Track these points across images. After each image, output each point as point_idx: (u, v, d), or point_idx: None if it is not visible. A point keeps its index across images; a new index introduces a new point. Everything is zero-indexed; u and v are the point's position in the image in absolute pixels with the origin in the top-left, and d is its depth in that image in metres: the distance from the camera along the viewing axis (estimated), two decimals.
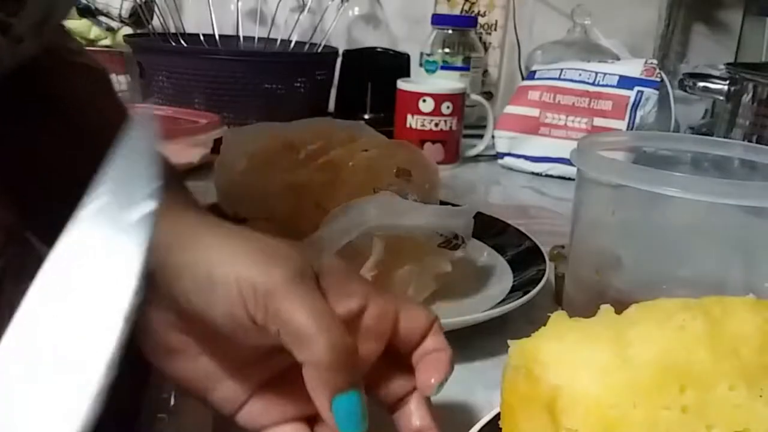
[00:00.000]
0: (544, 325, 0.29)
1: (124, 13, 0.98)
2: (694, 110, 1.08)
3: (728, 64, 0.83)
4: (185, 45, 0.92)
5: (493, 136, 0.89)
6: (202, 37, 0.95)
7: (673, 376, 0.24)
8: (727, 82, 0.81)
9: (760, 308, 0.28)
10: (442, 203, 0.49)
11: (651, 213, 0.40)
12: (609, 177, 0.38)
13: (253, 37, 0.98)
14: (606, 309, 0.29)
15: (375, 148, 0.45)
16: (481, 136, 0.90)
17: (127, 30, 0.99)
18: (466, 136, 0.91)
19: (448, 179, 0.84)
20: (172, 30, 0.95)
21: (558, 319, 0.28)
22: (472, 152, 0.90)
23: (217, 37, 0.95)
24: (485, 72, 1.13)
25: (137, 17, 0.97)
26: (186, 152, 0.72)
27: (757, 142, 0.74)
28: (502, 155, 0.88)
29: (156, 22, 0.98)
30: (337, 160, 0.45)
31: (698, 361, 0.25)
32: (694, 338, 0.26)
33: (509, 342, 0.28)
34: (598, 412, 0.24)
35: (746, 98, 0.77)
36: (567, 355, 0.26)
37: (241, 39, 0.98)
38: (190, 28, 0.99)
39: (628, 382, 0.24)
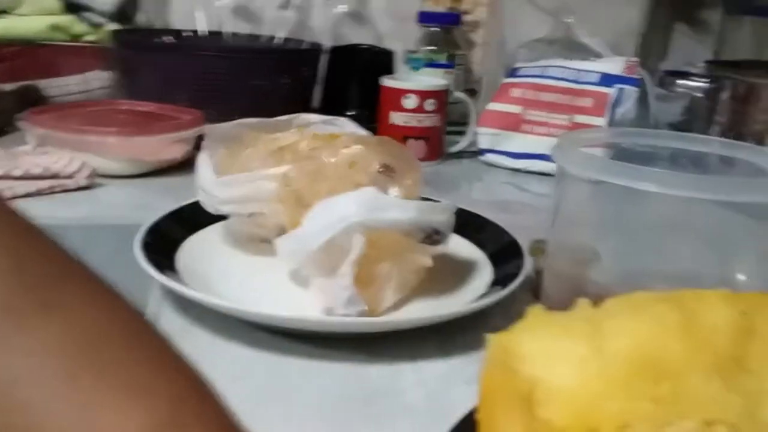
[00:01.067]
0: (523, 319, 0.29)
1: (109, 9, 0.98)
2: (673, 107, 1.09)
3: (707, 61, 0.84)
4: (170, 41, 0.91)
5: (475, 133, 0.89)
6: (186, 34, 0.95)
7: (648, 368, 0.25)
8: (706, 79, 0.82)
9: (735, 301, 0.28)
10: (424, 199, 0.50)
11: (629, 208, 0.40)
12: (588, 173, 0.38)
13: (239, 34, 0.98)
14: (583, 302, 0.29)
15: (357, 144, 0.45)
16: (464, 133, 0.91)
17: (113, 26, 0.98)
18: (449, 132, 0.91)
19: (431, 176, 0.85)
20: (158, 26, 0.95)
21: (535, 312, 0.29)
22: (455, 149, 0.90)
23: (202, 33, 0.95)
24: (469, 69, 1.13)
25: (122, 13, 0.97)
26: (169, 148, 0.72)
27: (734, 139, 0.74)
28: (484, 152, 0.88)
29: (141, 18, 0.97)
30: (319, 156, 0.45)
31: (672, 353, 0.25)
32: (668, 330, 0.26)
33: (487, 336, 0.28)
34: (573, 403, 0.24)
35: (724, 95, 0.78)
36: (543, 348, 0.26)
37: (226, 36, 0.98)
38: (175, 25, 0.99)
39: (602, 373, 0.25)
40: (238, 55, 0.87)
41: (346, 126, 0.55)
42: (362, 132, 0.52)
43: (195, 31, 0.94)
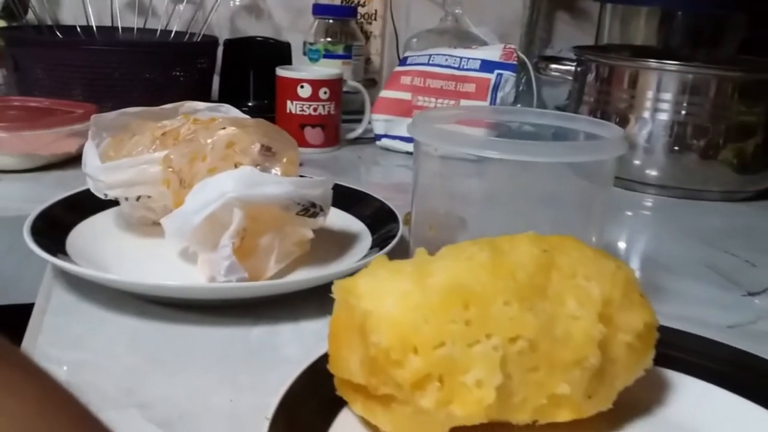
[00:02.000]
0: None
1: None
2: (560, 92, 1.17)
3: (575, 47, 0.91)
4: (60, 37, 0.91)
5: (371, 120, 0.94)
6: (78, 29, 0.95)
7: (458, 296, 0.30)
8: (575, 63, 0.89)
9: (540, 241, 0.34)
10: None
11: (477, 177, 0.46)
12: (436, 143, 0.43)
13: (133, 28, 0.99)
14: (420, 251, 0.34)
15: (233, 126, 0.48)
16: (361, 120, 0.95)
17: (1, 23, 0.97)
18: (349, 120, 0.96)
19: (329, 161, 0.89)
20: (48, 23, 0.95)
21: (377, 261, 0.33)
22: (352, 135, 0.94)
23: (94, 28, 0.95)
24: (368, 60, 1.17)
25: (10, 10, 0.96)
26: (62, 142, 0.73)
27: (601, 117, 0.82)
28: (379, 137, 0.93)
29: (31, 15, 0.97)
30: (197, 138, 0.48)
31: (480, 284, 0.30)
32: (479, 266, 0.31)
33: (334, 282, 0.33)
34: (397, 328, 0.29)
35: (590, 77, 0.86)
36: (376, 287, 0.31)
37: (120, 30, 0.99)
38: (68, 21, 0.99)
39: (421, 303, 0.29)
40: (131, 48, 0.88)
41: (230, 112, 0.58)
42: (241, 115, 0.56)
43: (87, 27, 0.95)
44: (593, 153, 0.43)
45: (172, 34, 0.97)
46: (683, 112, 0.78)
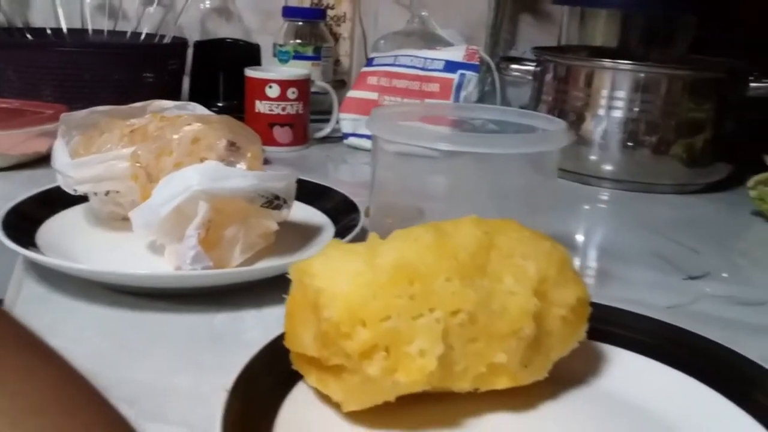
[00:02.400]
0: None
1: None
2: (524, 92, 1.20)
3: (534, 48, 0.94)
4: (30, 38, 0.92)
5: (338, 119, 0.96)
6: (49, 31, 0.96)
7: (404, 274, 0.32)
8: (535, 64, 0.93)
9: (481, 224, 0.36)
10: None
11: (430, 169, 0.48)
12: (391, 137, 0.46)
13: (103, 30, 1.00)
14: (372, 235, 0.37)
15: (198, 123, 0.50)
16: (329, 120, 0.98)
17: None
18: (318, 120, 0.98)
19: (298, 159, 0.91)
20: (19, 25, 0.96)
21: (331, 244, 0.36)
22: (320, 134, 0.97)
23: (65, 30, 0.97)
24: (337, 61, 1.20)
25: None
26: (33, 142, 0.75)
27: (558, 115, 0.86)
28: (347, 136, 0.96)
29: (1, 17, 0.98)
30: (164, 134, 0.50)
31: (424, 262, 0.33)
32: (424, 247, 0.34)
33: (290, 264, 0.35)
34: (347, 303, 0.31)
35: (548, 77, 0.89)
36: (329, 267, 0.33)
37: (90, 32, 1.00)
38: (38, 23, 1.00)
39: (370, 280, 0.32)
40: (101, 50, 0.89)
41: (196, 110, 0.60)
42: (206, 112, 0.58)
43: (58, 29, 0.96)
44: (537, 144, 0.46)
45: (143, 36, 0.99)
46: (636, 109, 0.82)
